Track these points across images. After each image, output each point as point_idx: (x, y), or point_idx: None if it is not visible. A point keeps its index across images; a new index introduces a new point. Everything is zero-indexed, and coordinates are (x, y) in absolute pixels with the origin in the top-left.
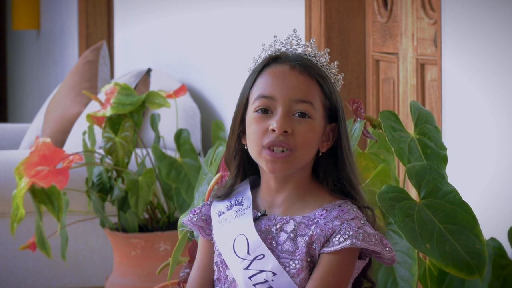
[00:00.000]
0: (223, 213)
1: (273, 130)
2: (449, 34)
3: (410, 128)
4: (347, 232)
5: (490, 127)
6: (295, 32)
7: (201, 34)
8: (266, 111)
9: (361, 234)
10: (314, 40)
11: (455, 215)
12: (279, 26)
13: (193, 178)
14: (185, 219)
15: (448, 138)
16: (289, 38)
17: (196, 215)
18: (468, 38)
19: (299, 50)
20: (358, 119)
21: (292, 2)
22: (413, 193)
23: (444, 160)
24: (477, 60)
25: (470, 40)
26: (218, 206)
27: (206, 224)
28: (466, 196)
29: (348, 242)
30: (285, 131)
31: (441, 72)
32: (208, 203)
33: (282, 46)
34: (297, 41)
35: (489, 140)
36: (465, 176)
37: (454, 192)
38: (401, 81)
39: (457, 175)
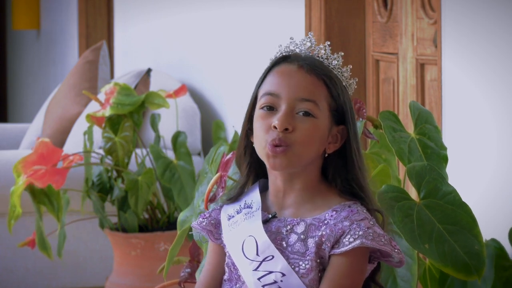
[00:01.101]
0: (233, 216)
1: (275, 127)
2: (449, 34)
3: (410, 128)
4: (357, 232)
5: (490, 127)
6: (310, 35)
7: (201, 34)
8: (271, 109)
9: (371, 234)
10: (329, 43)
11: (454, 215)
12: (279, 26)
13: (186, 181)
14: (195, 223)
15: (448, 138)
16: (303, 40)
17: (205, 219)
18: (468, 38)
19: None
20: (360, 119)
21: (292, 2)
22: (413, 193)
23: (444, 160)
24: (477, 60)
25: (470, 40)
26: (228, 210)
27: (215, 228)
28: (466, 196)
29: (358, 241)
30: (286, 129)
31: (441, 72)
32: (218, 207)
33: (296, 48)
34: (311, 43)
35: (489, 140)
36: (465, 176)
37: (454, 193)
38: (401, 81)
39: (457, 175)
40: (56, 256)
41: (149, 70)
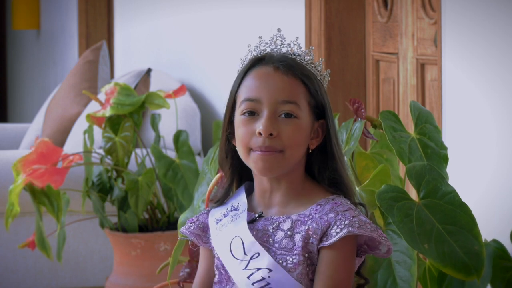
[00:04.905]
0: (221, 220)
1: (260, 133)
2: (449, 34)
3: (410, 128)
4: (343, 222)
5: (490, 127)
6: (280, 32)
7: (201, 34)
8: (252, 114)
9: (357, 222)
10: (298, 38)
11: (454, 215)
12: (279, 26)
13: (190, 180)
14: (183, 228)
15: (448, 138)
16: (273, 38)
17: (193, 224)
18: (468, 38)
19: (284, 50)
20: (359, 119)
21: (292, 2)
22: (413, 193)
23: (444, 159)
24: (477, 60)
25: (470, 40)
26: (215, 214)
27: (203, 232)
28: (466, 196)
29: (345, 230)
30: (271, 134)
31: (441, 72)
32: (206, 211)
33: (267, 47)
34: (281, 40)
35: (489, 140)
36: (465, 176)
37: (453, 193)
38: (401, 81)
39: (457, 175)
40: (55, 256)
41: (149, 70)
